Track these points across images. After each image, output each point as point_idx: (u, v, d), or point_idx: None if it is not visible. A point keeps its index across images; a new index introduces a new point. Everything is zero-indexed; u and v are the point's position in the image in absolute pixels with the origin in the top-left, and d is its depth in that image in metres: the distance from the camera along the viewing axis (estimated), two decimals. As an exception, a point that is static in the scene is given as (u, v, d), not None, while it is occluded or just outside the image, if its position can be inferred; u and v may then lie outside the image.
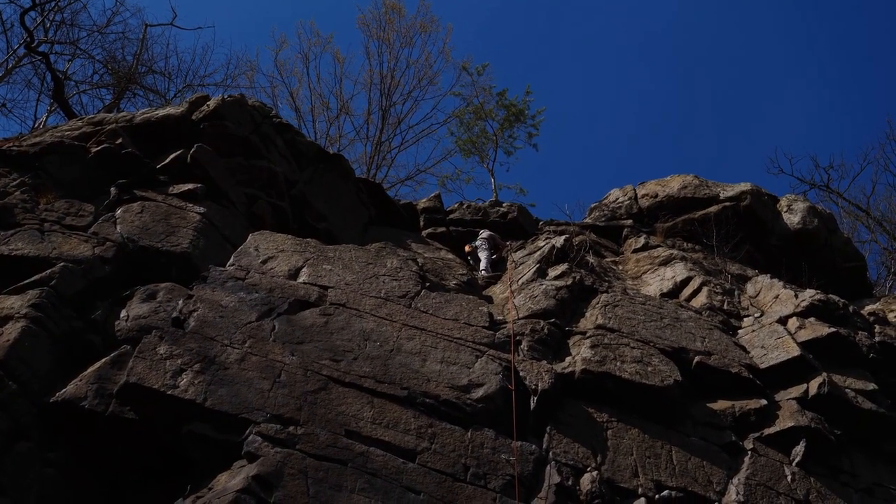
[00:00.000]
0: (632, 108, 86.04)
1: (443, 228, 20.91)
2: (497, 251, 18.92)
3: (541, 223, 21.38)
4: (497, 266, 18.31)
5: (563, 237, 17.96)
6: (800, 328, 14.54)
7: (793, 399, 13.15)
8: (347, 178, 20.07)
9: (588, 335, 13.47)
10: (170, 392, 10.30)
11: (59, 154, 15.38)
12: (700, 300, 16.12)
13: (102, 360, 11.26)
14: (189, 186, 15.46)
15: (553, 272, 15.96)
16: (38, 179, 14.70)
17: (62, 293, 12.10)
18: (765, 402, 13.00)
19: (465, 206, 21.68)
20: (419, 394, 11.20)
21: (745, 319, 15.64)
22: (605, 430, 11.87)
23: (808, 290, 15.90)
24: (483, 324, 13.18)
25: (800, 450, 12.45)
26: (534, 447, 11.13)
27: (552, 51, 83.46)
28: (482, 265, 18.18)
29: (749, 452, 12.27)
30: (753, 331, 14.89)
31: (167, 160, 16.04)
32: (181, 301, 12.09)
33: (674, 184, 21.47)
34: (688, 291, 16.67)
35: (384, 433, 10.47)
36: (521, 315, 14.02)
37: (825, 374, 13.39)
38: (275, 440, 9.89)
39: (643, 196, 21.69)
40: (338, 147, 33.46)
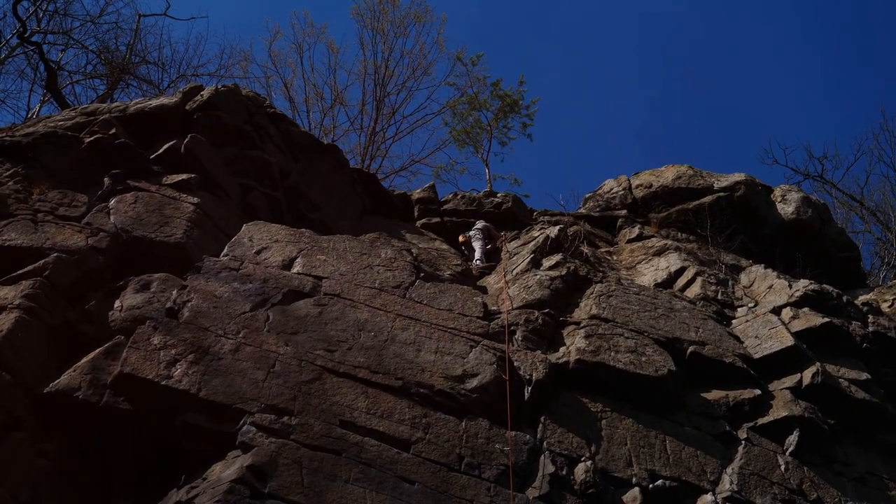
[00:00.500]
0: (626, 99, 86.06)
1: (437, 219, 20.90)
2: (492, 242, 18.92)
3: (535, 213, 21.38)
4: (491, 256, 18.31)
5: (558, 227, 17.97)
6: (793, 318, 14.55)
7: (786, 389, 13.17)
8: (342, 169, 20.04)
9: (582, 325, 13.48)
10: (164, 382, 10.30)
11: (53, 144, 15.32)
12: (694, 290, 16.14)
13: (96, 351, 11.27)
14: (183, 177, 15.43)
15: (547, 262, 15.96)
16: (32, 170, 14.65)
17: (56, 284, 12.10)
18: (758, 392, 13.01)
19: (460, 197, 21.67)
20: (413, 384, 11.21)
21: (739, 309, 15.65)
22: (600, 420, 11.89)
23: (802, 281, 15.93)
24: (477, 314, 13.18)
25: (793, 439, 12.47)
26: (528, 437, 11.14)
27: (546, 41, 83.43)
28: (476, 255, 18.16)
29: (743, 442, 12.29)
30: (747, 321, 14.90)
31: (161, 150, 16.00)
32: (175, 291, 12.07)
33: (668, 174, 21.47)
34: (682, 281, 16.69)
35: (378, 423, 10.47)
36: (516, 305, 14.02)
37: (819, 364, 13.41)
38: (269, 430, 9.90)
39: (637, 186, 21.68)
40: (332, 137, 33.36)
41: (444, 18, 42.58)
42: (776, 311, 14.92)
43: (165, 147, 16.04)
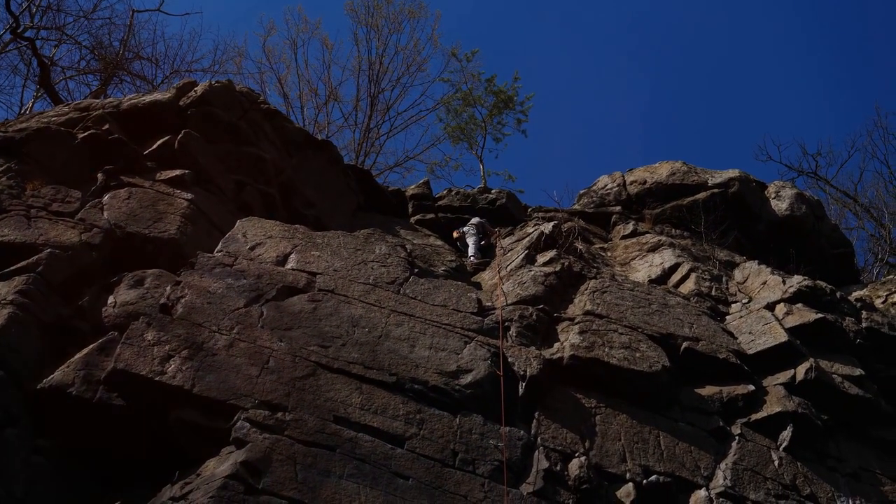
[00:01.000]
0: (620, 95, 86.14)
1: (431, 215, 20.92)
2: (486, 238, 18.92)
3: (529, 210, 21.43)
4: (486, 252, 18.31)
5: (552, 224, 17.97)
6: (787, 314, 14.59)
7: (780, 384, 13.20)
8: (336, 165, 20.04)
9: (576, 321, 13.49)
10: (157, 378, 10.28)
11: (46, 140, 15.29)
12: (688, 286, 16.16)
13: (90, 347, 11.24)
14: (176, 172, 15.41)
15: (542, 258, 15.97)
16: (25, 165, 14.61)
17: (49, 279, 12.08)
18: (752, 388, 13.04)
19: (454, 193, 21.71)
20: (408, 380, 11.20)
21: (733, 305, 15.68)
22: (594, 416, 11.90)
23: (796, 277, 15.96)
24: (472, 310, 13.18)
25: (787, 435, 12.50)
26: (522, 433, 11.14)
27: (541, 37, 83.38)
28: (470, 251, 18.17)
29: (736, 437, 12.32)
30: (741, 317, 14.93)
31: (154, 146, 15.98)
32: (169, 287, 12.05)
33: (662, 170, 21.51)
34: (676, 278, 16.71)
35: (373, 419, 10.46)
36: (510, 301, 14.02)
37: (812, 360, 13.44)
38: (263, 426, 9.88)
39: (632, 183, 21.72)
40: (326, 133, 33.32)
41: (439, 14, 42.47)
42: (770, 307, 14.97)
43: (159, 143, 16.02)
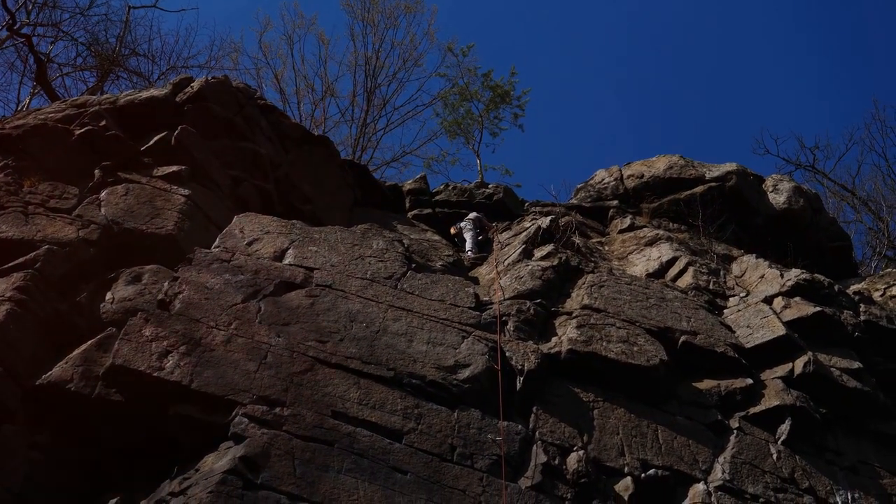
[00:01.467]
0: (617, 89, 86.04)
1: (429, 210, 20.93)
2: (483, 232, 18.93)
3: (526, 204, 21.42)
4: (483, 247, 18.31)
5: (549, 218, 17.98)
6: (785, 307, 14.58)
7: (778, 378, 13.20)
8: (333, 160, 20.03)
9: (574, 315, 13.49)
10: (156, 374, 10.27)
11: (43, 137, 15.28)
12: (686, 280, 16.15)
13: (88, 343, 11.25)
14: (173, 168, 15.40)
15: (539, 253, 15.98)
16: (22, 162, 14.59)
17: (47, 276, 12.08)
18: (750, 382, 13.04)
19: (451, 188, 21.72)
20: (405, 374, 11.20)
21: (731, 299, 15.68)
22: (592, 410, 11.91)
23: (794, 270, 15.95)
24: (469, 304, 13.18)
25: (785, 428, 12.50)
26: (520, 427, 11.15)
27: (537, 31, 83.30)
28: (468, 246, 18.19)
29: (735, 431, 12.32)
30: (739, 310, 14.93)
31: (151, 142, 15.95)
32: (166, 283, 12.04)
33: (659, 164, 21.50)
34: (674, 271, 16.70)
35: (371, 414, 10.46)
36: (507, 296, 14.02)
37: (810, 353, 13.44)
38: (261, 421, 9.88)
39: (629, 177, 21.71)
40: (323, 129, 33.25)
41: (435, 9, 42.41)
42: (768, 301, 14.96)
43: (156, 139, 15.99)
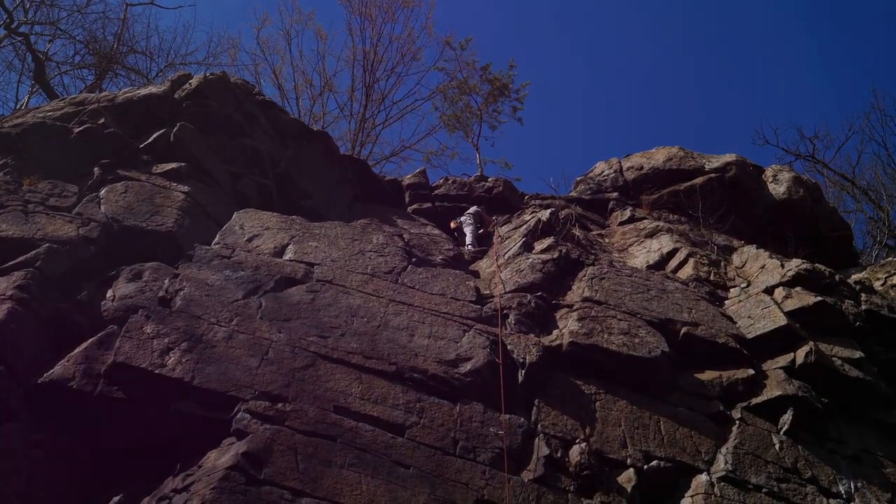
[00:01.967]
0: (616, 81, 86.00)
1: (428, 204, 20.89)
2: (483, 226, 18.92)
3: (526, 197, 21.37)
4: (483, 241, 18.31)
5: (549, 211, 17.96)
6: (786, 297, 14.57)
7: (780, 368, 13.19)
8: (332, 156, 20.05)
9: (575, 308, 13.49)
10: (157, 371, 10.30)
11: (42, 135, 15.31)
12: (686, 271, 16.14)
13: (89, 341, 11.23)
14: (173, 165, 15.42)
15: (539, 246, 15.97)
16: (21, 161, 14.64)
17: (48, 274, 12.08)
18: (752, 372, 13.03)
19: (451, 182, 21.67)
20: (407, 369, 11.22)
21: (732, 290, 15.66)
22: (593, 402, 11.91)
23: (795, 260, 15.93)
24: (470, 298, 13.19)
25: (787, 418, 12.49)
26: (522, 420, 11.16)
27: (535, 24, 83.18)
28: (468, 240, 18.17)
29: (737, 422, 12.31)
30: (740, 301, 14.92)
31: (150, 139, 15.98)
32: (167, 280, 12.06)
33: (659, 156, 21.46)
34: (674, 263, 16.68)
35: (373, 408, 10.48)
36: (508, 289, 14.02)
37: (812, 343, 13.42)
38: (263, 417, 9.90)
39: (628, 169, 21.67)
40: (322, 124, 33.29)
41: (433, 3, 42.55)
42: (769, 291, 14.95)
43: (155, 136, 16.02)
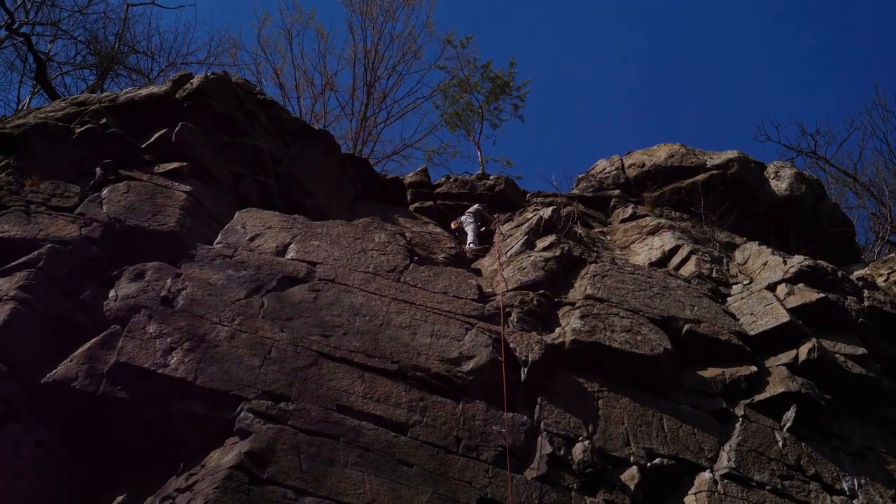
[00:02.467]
0: (617, 78, 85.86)
1: (430, 202, 20.89)
2: (485, 224, 18.92)
3: (528, 195, 21.35)
4: (485, 239, 18.31)
5: (551, 208, 17.96)
6: (789, 294, 14.56)
7: (783, 365, 13.19)
8: (333, 154, 20.01)
9: (577, 306, 13.49)
10: (160, 371, 10.30)
11: (44, 135, 15.28)
12: (689, 268, 16.14)
13: (92, 341, 11.23)
14: (174, 165, 15.39)
15: (541, 243, 15.96)
16: (23, 161, 14.60)
17: (50, 274, 12.06)
18: (755, 369, 13.04)
19: (452, 180, 21.65)
20: (410, 367, 11.22)
21: (734, 287, 15.66)
22: (596, 400, 11.91)
23: (797, 257, 15.92)
24: (472, 296, 13.19)
25: (790, 415, 12.50)
26: (525, 418, 11.16)
27: (536, 21, 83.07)
28: (469, 238, 18.16)
29: (740, 419, 12.32)
30: (742, 298, 14.92)
31: (152, 139, 15.94)
32: (169, 280, 12.06)
33: (660, 153, 21.45)
34: (676, 260, 16.68)
35: (375, 407, 10.48)
36: (510, 287, 14.02)
37: (815, 340, 13.43)
38: (266, 416, 9.90)
39: (630, 166, 21.66)
40: (323, 123, 33.23)
41: (434, 1, 42.37)
42: (771, 288, 14.95)
43: (156, 136, 15.98)
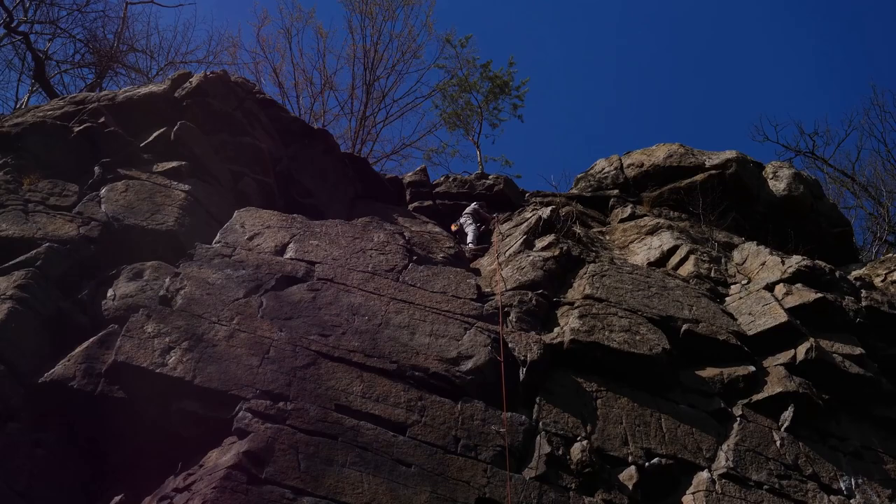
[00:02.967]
0: (616, 78, 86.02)
1: (429, 202, 20.91)
2: (483, 223, 18.92)
3: (527, 195, 21.35)
4: (484, 238, 18.31)
5: (550, 208, 17.93)
6: (787, 294, 14.56)
7: (781, 365, 13.19)
8: (332, 154, 20.01)
9: (576, 305, 13.49)
10: (158, 370, 10.29)
11: (42, 134, 15.29)
12: (687, 268, 16.13)
13: (90, 340, 11.25)
14: (173, 164, 15.39)
15: (540, 243, 15.95)
16: (22, 160, 14.62)
17: (48, 274, 12.09)
18: (753, 369, 13.04)
19: (452, 179, 21.67)
20: (408, 367, 11.21)
21: (733, 287, 15.66)
22: (595, 400, 11.91)
23: (795, 257, 15.93)
24: (471, 296, 13.19)
25: (788, 415, 12.51)
26: (524, 418, 11.16)
27: (535, 21, 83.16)
28: (469, 238, 18.17)
29: (738, 419, 12.32)
30: (741, 298, 14.92)
31: (151, 138, 15.94)
32: (168, 279, 12.05)
33: (659, 153, 21.43)
34: (675, 260, 16.67)
35: (374, 407, 10.48)
36: (509, 286, 14.02)
37: (813, 340, 13.42)
38: (265, 416, 9.89)
39: (629, 166, 21.65)
40: (322, 122, 33.24)
41: (433, 1, 42.40)
42: (769, 288, 14.94)
43: (155, 135, 15.98)
